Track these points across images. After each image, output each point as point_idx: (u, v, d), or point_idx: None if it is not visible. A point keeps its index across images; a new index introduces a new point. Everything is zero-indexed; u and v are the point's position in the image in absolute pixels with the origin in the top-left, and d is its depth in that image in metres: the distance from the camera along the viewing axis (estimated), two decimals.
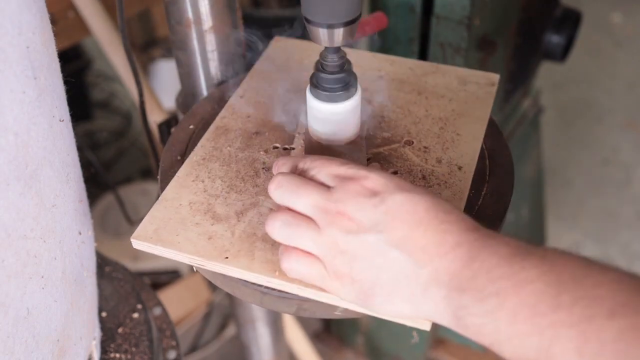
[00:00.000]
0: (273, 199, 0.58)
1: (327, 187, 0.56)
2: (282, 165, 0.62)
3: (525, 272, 0.47)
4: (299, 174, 0.59)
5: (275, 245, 0.62)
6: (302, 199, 0.56)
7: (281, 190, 0.57)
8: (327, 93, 0.66)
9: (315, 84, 0.67)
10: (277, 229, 0.56)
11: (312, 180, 0.57)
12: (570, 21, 1.39)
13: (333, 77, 0.66)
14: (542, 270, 0.47)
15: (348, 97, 0.67)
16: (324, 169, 0.57)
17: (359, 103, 0.69)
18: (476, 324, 0.49)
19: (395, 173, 0.69)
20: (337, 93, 0.66)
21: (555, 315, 0.46)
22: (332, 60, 0.65)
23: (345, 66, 0.66)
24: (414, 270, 0.52)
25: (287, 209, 0.57)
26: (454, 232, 0.52)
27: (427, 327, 0.56)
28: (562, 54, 1.40)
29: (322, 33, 0.62)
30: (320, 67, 0.66)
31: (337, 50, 0.65)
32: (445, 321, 0.52)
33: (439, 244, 0.51)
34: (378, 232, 0.52)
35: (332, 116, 0.68)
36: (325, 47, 0.64)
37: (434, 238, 0.51)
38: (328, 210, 0.54)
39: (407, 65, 0.83)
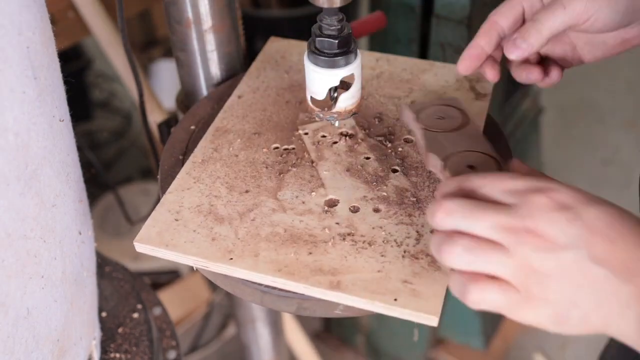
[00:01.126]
0: (443, 228, 0.51)
1: (506, 204, 0.50)
2: (444, 188, 0.55)
3: None
4: (466, 196, 0.53)
5: (279, 245, 0.62)
6: (481, 221, 0.50)
7: (453, 217, 0.50)
8: (327, 58, 0.64)
9: (314, 50, 0.65)
10: (458, 255, 0.50)
11: (485, 199, 0.52)
12: None
13: (332, 41, 0.64)
14: None
15: (348, 63, 0.65)
16: (497, 185, 0.52)
17: (360, 68, 0.67)
18: None
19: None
20: (337, 58, 0.64)
21: None
22: (331, 23, 0.63)
23: (344, 30, 0.64)
24: (617, 287, 0.48)
25: (463, 233, 0.50)
26: None
27: (434, 323, 0.56)
28: None
29: None
30: (318, 31, 0.64)
31: (336, 12, 0.63)
32: (631, 341, 0.49)
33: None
34: (577, 248, 0.48)
35: (332, 83, 0.66)
36: (324, 9, 0.62)
37: (635, 253, 0.48)
38: (515, 228, 0.49)
39: (403, 64, 0.83)
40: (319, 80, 0.66)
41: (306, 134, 0.75)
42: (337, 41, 0.64)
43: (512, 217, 0.49)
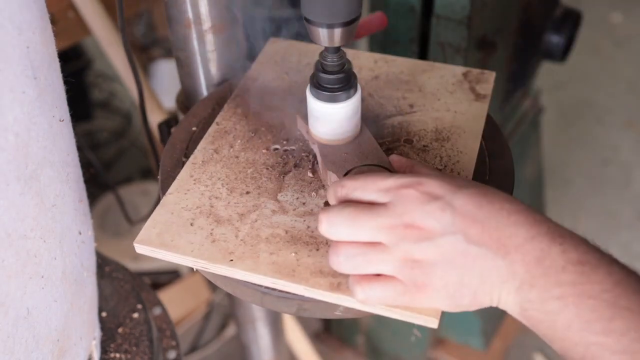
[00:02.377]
0: (330, 238, 0.55)
1: (382, 204, 0.54)
2: (328, 198, 0.58)
3: (589, 286, 0.49)
4: (341, 201, 0.56)
5: (280, 246, 0.62)
6: (362, 227, 0.53)
7: (336, 228, 0.54)
8: (328, 93, 0.66)
9: (316, 84, 0.67)
10: (342, 263, 0.54)
11: (361, 202, 0.55)
12: (570, 21, 1.39)
13: (333, 77, 0.66)
14: (604, 287, 0.49)
15: (348, 97, 0.67)
16: (369, 187, 0.55)
17: (360, 102, 0.69)
18: (536, 318, 0.52)
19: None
20: (338, 93, 0.66)
21: (604, 339, 0.48)
22: (332, 60, 0.65)
23: (345, 66, 0.66)
24: (495, 263, 0.52)
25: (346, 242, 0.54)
26: (524, 224, 0.52)
27: (434, 324, 0.56)
28: (562, 54, 1.40)
29: (321, 33, 0.62)
30: (320, 67, 0.66)
31: (337, 50, 0.65)
32: (511, 310, 0.53)
33: (512, 236, 0.51)
34: (453, 234, 0.52)
35: (333, 116, 0.68)
36: (325, 47, 0.64)
37: (507, 230, 0.52)
38: (394, 226, 0.52)
39: (402, 64, 0.83)
40: (321, 112, 0.68)
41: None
42: (337, 77, 0.66)
43: (388, 216, 0.53)
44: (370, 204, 0.54)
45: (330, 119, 0.68)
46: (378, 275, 0.54)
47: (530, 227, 0.52)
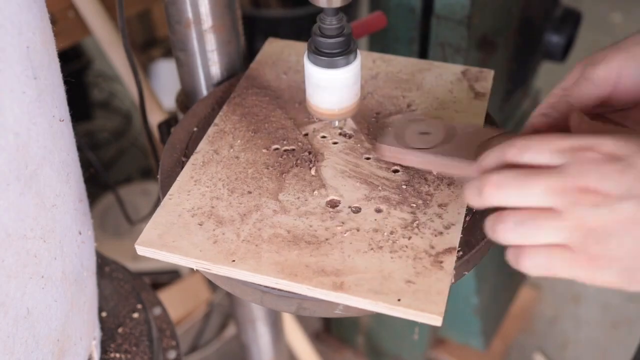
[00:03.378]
0: (495, 203, 0.50)
1: (554, 167, 0.49)
2: (485, 161, 0.53)
3: None
4: (511, 165, 0.51)
5: (281, 246, 0.62)
6: (533, 190, 0.48)
7: (504, 191, 0.50)
8: (327, 58, 0.64)
9: (314, 50, 0.65)
10: (511, 230, 0.50)
11: (532, 165, 0.50)
12: (570, 21, 1.39)
13: (333, 42, 0.64)
14: None
15: (348, 63, 0.65)
16: (543, 146, 0.50)
17: (360, 68, 0.67)
18: None
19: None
20: (337, 58, 0.64)
21: None
22: (331, 23, 0.63)
23: (344, 30, 0.64)
24: None
25: (513, 208, 0.50)
26: None
27: (438, 322, 0.56)
28: (562, 54, 1.40)
29: None
30: (318, 31, 0.64)
31: (336, 12, 0.63)
32: None
33: None
34: (633, 198, 0.46)
35: (332, 82, 0.66)
36: (324, 9, 0.62)
37: None
38: (566, 190, 0.48)
39: (401, 63, 0.83)
40: (319, 79, 0.66)
41: (306, 135, 0.75)
42: (336, 41, 0.64)
43: (561, 178, 0.48)
44: (543, 167, 0.50)
45: (330, 86, 0.66)
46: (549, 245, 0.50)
47: None
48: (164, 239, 0.63)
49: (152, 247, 0.63)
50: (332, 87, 0.67)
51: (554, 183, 0.48)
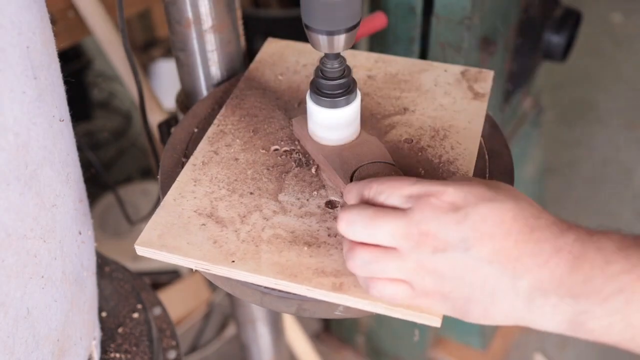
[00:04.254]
0: (346, 237, 0.55)
1: (402, 210, 0.53)
2: (348, 196, 0.59)
3: None
4: (366, 202, 0.56)
5: (281, 247, 0.62)
6: (379, 231, 0.53)
7: (354, 227, 0.54)
8: (328, 99, 0.66)
9: (316, 90, 0.67)
10: (359, 267, 0.54)
11: (383, 206, 0.55)
12: (570, 21, 1.39)
13: (334, 84, 0.66)
14: None
15: (348, 102, 0.67)
16: (395, 192, 0.54)
17: (359, 107, 0.69)
18: (603, 325, 0.48)
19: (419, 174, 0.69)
20: (338, 99, 0.66)
21: None
22: (332, 66, 0.65)
23: (345, 72, 0.66)
24: (512, 283, 0.50)
25: (362, 243, 0.54)
26: (549, 238, 0.50)
27: (437, 324, 0.56)
28: (562, 54, 1.40)
29: (322, 40, 0.61)
30: (320, 73, 0.66)
31: (337, 56, 0.64)
32: (559, 328, 0.50)
33: (535, 254, 0.49)
34: (466, 250, 0.50)
35: (334, 121, 0.68)
36: (325, 54, 0.64)
37: (528, 248, 0.49)
38: (410, 234, 0.52)
39: (400, 64, 0.83)
40: (321, 118, 0.69)
41: None
42: (338, 83, 0.66)
43: (408, 223, 0.52)
44: (392, 208, 0.54)
45: (331, 124, 0.68)
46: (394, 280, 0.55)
47: (555, 240, 0.50)
48: (163, 240, 0.63)
49: (151, 248, 0.63)
50: (333, 125, 0.69)
51: (400, 227, 0.52)
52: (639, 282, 0.47)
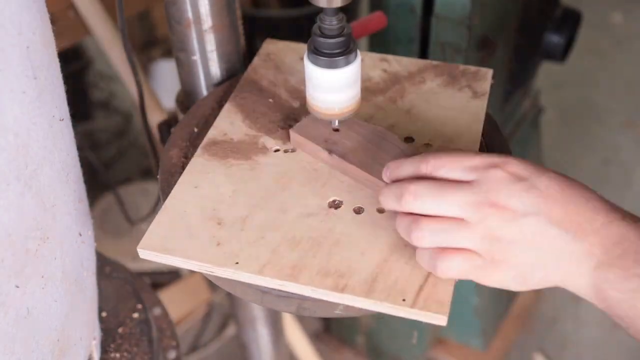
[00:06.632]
0: (413, 210, 0.57)
1: (467, 182, 0.56)
2: (399, 171, 0.60)
3: None
4: (424, 177, 0.58)
5: (284, 248, 0.62)
6: (447, 202, 0.55)
7: (422, 200, 0.56)
8: (327, 58, 0.64)
9: (314, 50, 0.65)
10: (426, 237, 0.56)
11: (444, 179, 0.57)
12: (570, 21, 1.39)
13: (332, 42, 0.64)
14: None
15: (348, 63, 0.65)
16: (457, 165, 0.57)
17: (360, 68, 0.67)
18: (616, 298, 0.53)
19: None
20: (337, 58, 0.64)
21: None
22: (331, 23, 0.63)
23: (344, 30, 0.64)
24: (572, 246, 0.53)
25: (426, 216, 0.56)
26: (602, 210, 0.54)
27: (443, 322, 0.56)
28: (562, 54, 1.40)
29: None
30: (318, 31, 0.64)
31: (336, 12, 0.62)
32: (584, 292, 0.55)
33: (592, 220, 0.54)
34: (536, 214, 0.54)
35: (332, 82, 0.66)
36: (324, 9, 0.62)
37: (586, 215, 0.54)
38: (478, 204, 0.54)
39: (400, 63, 0.83)
40: (319, 79, 0.66)
41: None
42: (336, 41, 0.64)
43: (474, 194, 0.55)
44: (455, 182, 0.56)
45: (331, 87, 0.66)
46: (461, 249, 0.56)
47: (607, 213, 0.54)
48: (166, 243, 0.63)
49: (154, 251, 0.62)
50: (332, 87, 0.67)
51: (468, 198, 0.55)
52: None
